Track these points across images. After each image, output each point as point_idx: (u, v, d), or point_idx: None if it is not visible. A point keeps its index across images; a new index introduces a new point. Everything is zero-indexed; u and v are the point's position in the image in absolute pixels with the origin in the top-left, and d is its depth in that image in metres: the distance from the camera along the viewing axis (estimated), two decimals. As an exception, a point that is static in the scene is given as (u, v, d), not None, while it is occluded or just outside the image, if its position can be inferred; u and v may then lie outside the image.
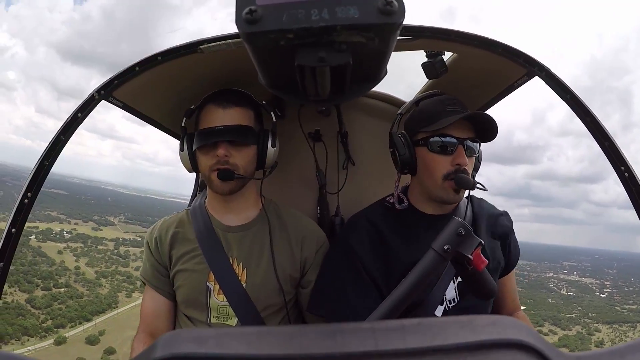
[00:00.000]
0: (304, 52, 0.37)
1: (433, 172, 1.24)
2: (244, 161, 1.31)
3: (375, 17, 0.35)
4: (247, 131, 1.31)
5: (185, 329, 0.37)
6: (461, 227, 0.87)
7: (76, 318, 56.19)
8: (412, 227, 1.29)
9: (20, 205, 1.12)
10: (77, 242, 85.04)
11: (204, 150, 1.30)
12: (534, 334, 0.28)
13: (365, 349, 0.27)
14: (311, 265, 1.39)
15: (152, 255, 1.38)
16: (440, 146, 1.23)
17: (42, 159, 1.17)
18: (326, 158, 1.87)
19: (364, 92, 0.47)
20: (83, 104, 1.23)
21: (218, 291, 1.31)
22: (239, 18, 0.36)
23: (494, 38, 1.23)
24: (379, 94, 1.91)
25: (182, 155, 1.36)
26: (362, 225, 1.32)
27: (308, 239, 1.40)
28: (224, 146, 1.27)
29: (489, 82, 1.53)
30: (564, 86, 1.23)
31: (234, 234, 1.37)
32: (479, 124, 1.24)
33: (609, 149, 1.20)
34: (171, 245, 1.37)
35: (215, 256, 1.32)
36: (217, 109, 1.30)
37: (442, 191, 1.23)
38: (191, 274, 1.33)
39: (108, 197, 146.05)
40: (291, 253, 1.37)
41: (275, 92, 0.46)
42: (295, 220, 1.45)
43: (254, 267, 1.33)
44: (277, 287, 1.31)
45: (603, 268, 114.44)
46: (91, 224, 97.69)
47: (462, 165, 1.20)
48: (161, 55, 1.23)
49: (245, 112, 1.32)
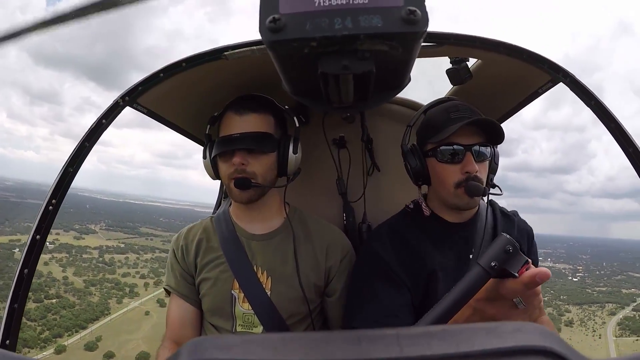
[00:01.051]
0: (327, 60, 0.37)
1: (444, 182, 1.24)
2: (262, 169, 1.28)
3: (399, 26, 0.35)
4: (265, 138, 1.28)
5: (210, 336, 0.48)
6: (509, 245, 0.83)
7: (72, 327, 58.02)
8: (435, 233, 1.29)
9: (45, 212, 1.13)
10: (61, 253, 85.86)
11: (223, 158, 1.29)
12: (560, 341, 0.28)
13: (390, 356, 0.27)
14: (336, 273, 1.37)
15: (179, 263, 1.37)
16: (447, 155, 1.22)
17: (67, 165, 1.18)
18: (349, 164, 1.86)
19: (387, 100, 0.47)
20: (108, 110, 1.25)
21: (243, 299, 1.30)
22: (262, 26, 0.36)
23: (518, 45, 1.23)
24: (403, 100, 1.91)
25: (205, 163, 1.35)
26: (385, 233, 1.31)
27: (333, 247, 1.38)
28: (240, 154, 1.25)
29: (513, 88, 1.53)
30: (589, 92, 1.23)
31: (258, 242, 1.36)
32: (486, 127, 1.22)
33: (633, 155, 1.19)
34: (196, 254, 1.35)
35: (240, 264, 1.31)
36: (235, 116, 1.28)
37: (456, 199, 1.23)
38: (216, 282, 1.32)
39: (86, 204, 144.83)
40: (316, 262, 1.35)
41: (299, 99, 0.46)
42: (321, 229, 1.42)
43: (278, 276, 1.31)
44: (301, 295, 1.30)
45: (577, 254, 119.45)
46: (73, 233, 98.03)
47: (471, 173, 1.19)
48: (185, 62, 1.24)
49: (263, 118, 1.30)
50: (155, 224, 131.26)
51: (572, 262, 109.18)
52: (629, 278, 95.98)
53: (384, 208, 1.71)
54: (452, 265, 1.24)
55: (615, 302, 79.28)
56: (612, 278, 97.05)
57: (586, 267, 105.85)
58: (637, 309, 75.05)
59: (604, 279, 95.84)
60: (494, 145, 1.26)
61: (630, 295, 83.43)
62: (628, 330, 66.43)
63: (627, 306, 77.22)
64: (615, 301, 79.85)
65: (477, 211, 1.33)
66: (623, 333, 66.37)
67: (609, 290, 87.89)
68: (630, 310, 75.38)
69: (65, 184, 1.18)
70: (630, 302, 78.70)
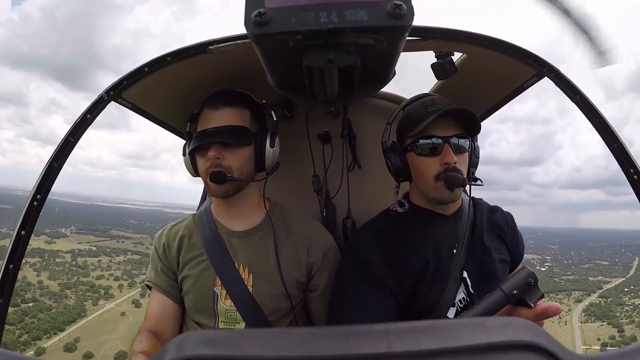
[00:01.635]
0: (312, 53, 0.37)
1: (424, 175, 1.23)
2: (238, 163, 1.27)
3: (384, 20, 0.35)
4: (240, 131, 1.26)
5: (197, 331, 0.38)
6: (531, 278, 0.89)
7: (50, 329, 58.00)
8: (417, 228, 1.28)
9: (29, 208, 1.12)
10: (34, 257, 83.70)
11: (200, 153, 1.29)
12: (546, 336, 0.29)
13: (378, 351, 0.27)
14: (318, 269, 1.36)
15: (161, 260, 1.36)
16: (426, 148, 1.22)
17: (52, 160, 1.17)
18: (330, 159, 1.85)
19: (372, 93, 0.47)
20: (92, 105, 1.22)
21: (225, 296, 1.30)
22: (248, 20, 0.36)
23: (504, 39, 1.23)
24: (388, 95, 1.89)
25: (185, 159, 1.34)
26: (369, 235, 1.31)
27: (314, 243, 1.37)
28: (215, 148, 1.24)
29: (498, 82, 1.53)
30: (574, 87, 1.23)
31: (239, 239, 1.35)
32: (463, 119, 1.22)
33: (617, 150, 1.19)
34: (178, 251, 1.35)
35: (221, 261, 1.31)
36: (210, 111, 1.27)
37: (436, 192, 1.22)
38: (197, 279, 1.31)
39: (55, 207, 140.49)
40: (297, 258, 1.33)
41: (284, 93, 0.46)
42: (302, 224, 1.41)
43: (260, 273, 1.31)
44: (283, 292, 1.29)
45: (546, 244, 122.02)
46: (44, 238, 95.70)
47: (450, 164, 1.18)
48: (170, 56, 1.23)
49: (238, 112, 1.28)
50: (125, 226, 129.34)
51: (540, 253, 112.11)
52: (596, 266, 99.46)
53: (369, 203, 1.72)
54: (437, 261, 1.24)
55: (581, 290, 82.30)
56: (580, 267, 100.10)
57: (554, 257, 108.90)
58: (602, 296, 78.23)
59: (572, 268, 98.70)
60: (472, 137, 1.25)
61: (596, 283, 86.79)
62: (593, 316, 69.26)
63: (594, 293, 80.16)
64: (582, 289, 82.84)
65: (460, 206, 1.34)
66: (588, 319, 69.17)
67: (576, 278, 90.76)
68: (596, 297, 78.39)
69: (50, 179, 1.16)
70: (596, 289, 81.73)
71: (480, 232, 1.30)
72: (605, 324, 65.59)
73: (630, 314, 67.83)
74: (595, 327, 65.60)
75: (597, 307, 72.66)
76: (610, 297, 77.39)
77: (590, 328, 65.47)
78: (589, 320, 69.06)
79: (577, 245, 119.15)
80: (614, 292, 79.73)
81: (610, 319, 66.60)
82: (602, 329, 64.34)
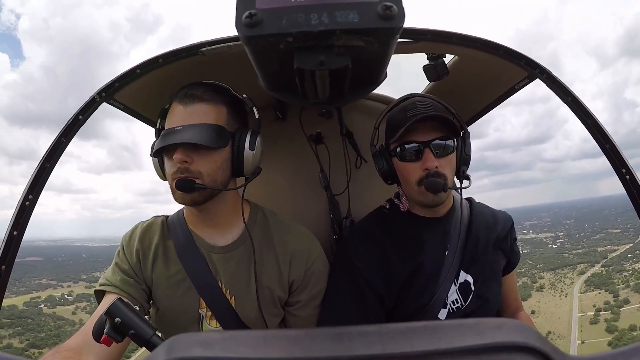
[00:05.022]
0: (303, 55, 0.37)
1: (407, 180, 1.23)
2: (210, 168, 1.08)
3: (375, 22, 0.36)
4: (212, 131, 1.07)
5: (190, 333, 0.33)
6: None
7: (124, 357, 65.90)
8: (411, 232, 1.28)
9: (21, 208, 1.11)
10: (82, 302, 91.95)
11: (167, 155, 1.11)
12: (540, 337, 0.29)
13: (372, 352, 0.27)
14: (298, 286, 1.23)
15: (131, 267, 1.16)
16: (407, 154, 1.21)
17: (44, 161, 1.16)
18: (329, 160, 1.82)
19: (363, 95, 0.47)
20: (84, 106, 1.21)
21: (210, 317, 1.18)
22: (239, 21, 0.36)
23: (495, 41, 1.22)
24: (379, 96, 1.90)
25: (152, 161, 1.17)
26: (359, 236, 1.30)
27: (297, 257, 1.22)
28: (182, 150, 1.05)
29: (490, 84, 1.53)
30: (565, 89, 1.23)
31: (219, 255, 1.19)
32: (443, 122, 1.19)
33: (610, 151, 1.19)
34: (153, 262, 1.17)
35: (204, 282, 1.16)
36: (179, 107, 1.10)
37: (421, 196, 1.21)
38: (181, 301, 1.16)
39: (82, 253, 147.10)
40: (279, 274, 1.21)
41: (275, 95, 0.47)
42: (284, 235, 1.25)
43: (242, 295, 1.18)
44: (258, 315, 1.17)
45: (561, 220, 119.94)
46: (82, 284, 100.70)
47: (430, 169, 1.17)
48: (162, 58, 1.20)
49: (212, 109, 1.10)
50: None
51: (554, 230, 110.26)
52: (607, 235, 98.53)
53: (367, 202, 1.70)
54: (428, 263, 1.23)
55: (586, 262, 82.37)
56: (591, 238, 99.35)
57: (567, 232, 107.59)
58: (605, 265, 78.35)
59: (583, 241, 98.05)
60: (455, 137, 1.22)
61: (603, 253, 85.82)
62: (592, 286, 70.35)
63: (597, 264, 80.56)
64: (587, 261, 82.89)
65: (452, 206, 1.33)
66: (588, 289, 70.25)
67: (585, 251, 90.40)
68: (599, 267, 78.70)
69: (42, 179, 1.15)
70: (601, 259, 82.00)
71: (477, 234, 1.30)
72: (603, 291, 66.96)
73: (627, 279, 69.22)
74: (593, 295, 67.46)
75: (598, 277, 73.41)
76: (612, 265, 77.90)
77: (589, 297, 67.51)
78: (588, 290, 71.71)
79: (593, 216, 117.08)
80: (617, 260, 79.73)
81: (607, 286, 67.99)
82: (599, 296, 65.74)
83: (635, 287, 67.49)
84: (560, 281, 78.53)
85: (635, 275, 72.52)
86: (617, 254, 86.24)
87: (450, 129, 1.20)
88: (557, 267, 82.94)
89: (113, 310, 0.78)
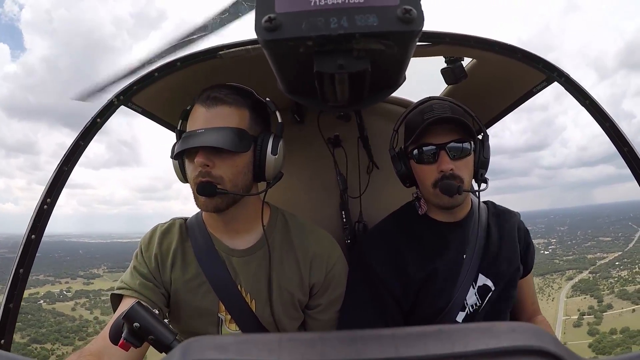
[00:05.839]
0: (322, 59, 0.37)
1: (424, 182, 1.23)
2: (231, 172, 1.08)
3: (395, 25, 0.35)
4: (235, 135, 1.06)
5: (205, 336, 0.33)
6: None
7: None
8: (428, 236, 1.28)
9: (40, 211, 1.11)
10: (81, 299, 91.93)
11: (188, 158, 1.10)
12: (555, 341, 0.28)
13: (386, 356, 0.27)
14: (319, 289, 1.23)
15: (150, 272, 1.16)
16: (423, 156, 1.21)
17: (62, 164, 1.16)
18: (346, 163, 1.82)
19: (382, 98, 0.47)
20: (102, 109, 1.22)
21: (230, 320, 1.18)
22: (258, 25, 0.36)
23: (513, 44, 1.21)
24: (398, 100, 1.89)
25: (173, 163, 1.16)
26: (378, 241, 1.30)
27: (318, 260, 1.22)
28: (204, 154, 1.04)
29: (507, 87, 1.52)
30: (584, 92, 1.23)
31: (239, 258, 1.18)
32: (460, 124, 1.19)
33: (628, 154, 1.18)
34: (172, 267, 1.17)
35: (224, 286, 1.15)
36: (201, 109, 1.08)
37: (437, 199, 1.21)
38: (200, 304, 1.16)
39: (79, 249, 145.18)
40: (300, 277, 1.20)
41: (294, 98, 0.46)
42: (304, 238, 1.24)
43: (263, 299, 1.17)
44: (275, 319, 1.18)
45: (555, 227, 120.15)
46: (80, 280, 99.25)
47: (445, 171, 1.17)
48: (180, 61, 1.21)
49: (235, 112, 1.09)
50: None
51: (547, 236, 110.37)
52: (597, 243, 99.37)
53: (380, 207, 1.69)
54: (446, 267, 1.24)
55: (575, 268, 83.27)
56: (582, 245, 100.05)
57: (560, 239, 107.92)
58: (593, 272, 79.39)
59: (574, 248, 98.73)
60: (472, 140, 1.21)
61: (592, 260, 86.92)
62: (579, 291, 71.45)
63: (585, 270, 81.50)
64: (576, 267, 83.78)
65: (470, 209, 1.33)
66: (574, 294, 71.27)
67: (575, 257, 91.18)
68: (587, 273, 79.75)
69: (60, 182, 1.16)
70: (589, 266, 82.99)
71: (496, 237, 1.30)
72: (589, 297, 67.90)
73: (612, 286, 70.36)
74: (579, 300, 68.56)
75: (585, 283, 74.46)
76: (600, 271, 78.92)
77: (574, 301, 68.19)
78: (574, 295, 72.73)
79: (586, 224, 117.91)
80: (604, 267, 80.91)
81: (593, 292, 69.17)
82: (584, 301, 66.43)
83: (619, 293, 68.67)
84: (549, 286, 78.75)
85: (621, 282, 73.79)
86: (606, 262, 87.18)
87: (466, 132, 1.20)
88: (546, 273, 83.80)
89: (132, 314, 0.74)
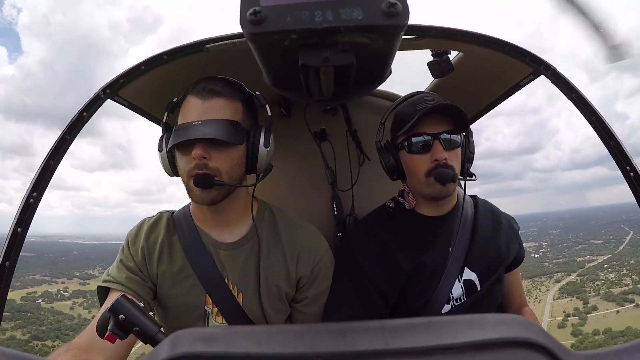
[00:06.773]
0: (307, 52, 0.38)
1: (416, 172, 1.23)
2: (228, 164, 1.08)
3: (380, 19, 0.36)
4: (231, 127, 1.06)
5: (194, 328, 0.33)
6: None
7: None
8: (415, 230, 1.29)
9: (25, 205, 1.10)
10: (79, 298, 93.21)
11: (181, 151, 1.09)
12: (543, 333, 0.29)
13: (375, 348, 0.27)
14: (305, 283, 1.23)
15: (137, 265, 1.15)
16: (416, 145, 1.22)
17: (48, 158, 1.15)
18: (334, 157, 1.83)
19: (368, 92, 0.47)
20: (88, 103, 1.21)
21: (216, 313, 1.18)
22: (243, 18, 0.36)
23: (500, 37, 1.22)
24: (384, 93, 1.89)
25: (161, 156, 1.14)
26: (364, 235, 1.31)
27: (305, 254, 1.22)
28: (202, 146, 1.04)
29: (494, 81, 1.53)
30: (570, 85, 1.24)
31: (227, 251, 1.18)
32: (453, 115, 1.21)
33: (614, 148, 1.19)
34: (159, 260, 1.16)
35: (210, 278, 1.15)
36: (196, 100, 1.08)
37: (429, 188, 1.22)
38: (186, 298, 1.16)
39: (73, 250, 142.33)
40: (287, 270, 1.20)
41: (280, 91, 0.46)
42: (292, 231, 1.25)
43: (250, 292, 1.18)
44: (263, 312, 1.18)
45: (548, 230, 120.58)
46: (76, 280, 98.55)
47: (440, 160, 1.18)
48: (167, 55, 1.20)
49: (230, 104, 1.10)
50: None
51: (539, 240, 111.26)
52: (588, 246, 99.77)
53: (371, 200, 1.69)
54: (432, 261, 1.25)
55: (564, 271, 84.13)
56: (573, 249, 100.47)
57: (551, 242, 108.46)
58: (580, 274, 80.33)
59: (565, 251, 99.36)
60: (462, 132, 1.24)
61: (581, 263, 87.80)
62: (566, 293, 72.40)
63: (574, 272, 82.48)
64: (565, 270, 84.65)
65: (456, 203, 1.34)
66: (561, 296, 72.08)
67: (565, 260, 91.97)
68: (575, 276, 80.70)
69: (46, 177, 1.15)
70: (578, 269, 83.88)
71: (482, 231, 1.31)
72: (575, 299, 68.97)
73: (598, 288, 71.30)
74: (565, 302, 69.02)
75: (572, 285, 75.51)
76: (588, 274, 79.78)
77: (561, 303, 68.72)
78: (561, 297, 72.56)
79: (579, 227, 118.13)
80: (592, 270, 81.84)
81: (580, 294, 70.22)
82: (570, 303, 67.49)
83: (604, 295, 69.94)
84: (537, 288, 79.41)
85: (607, 284, 74.97)
86: (594, 264, 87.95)
87: (457, 124, 1.22)
88: (535, 275, 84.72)
89: (117, 307, 0.76)
